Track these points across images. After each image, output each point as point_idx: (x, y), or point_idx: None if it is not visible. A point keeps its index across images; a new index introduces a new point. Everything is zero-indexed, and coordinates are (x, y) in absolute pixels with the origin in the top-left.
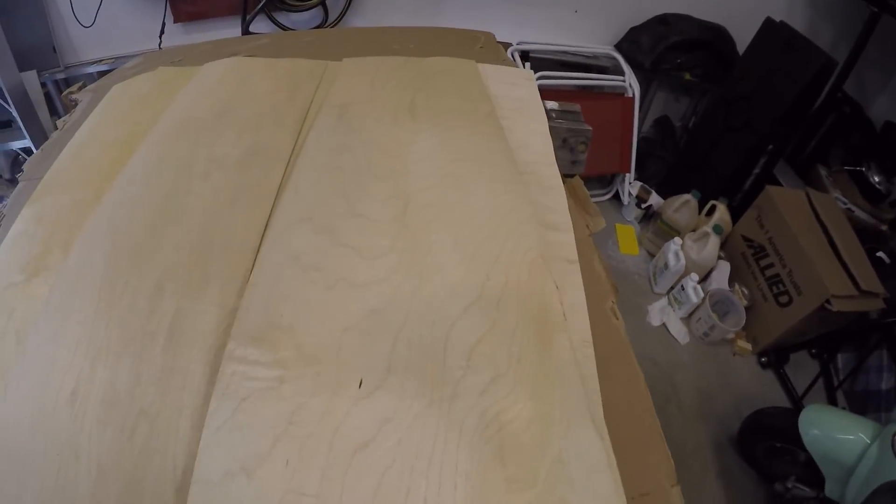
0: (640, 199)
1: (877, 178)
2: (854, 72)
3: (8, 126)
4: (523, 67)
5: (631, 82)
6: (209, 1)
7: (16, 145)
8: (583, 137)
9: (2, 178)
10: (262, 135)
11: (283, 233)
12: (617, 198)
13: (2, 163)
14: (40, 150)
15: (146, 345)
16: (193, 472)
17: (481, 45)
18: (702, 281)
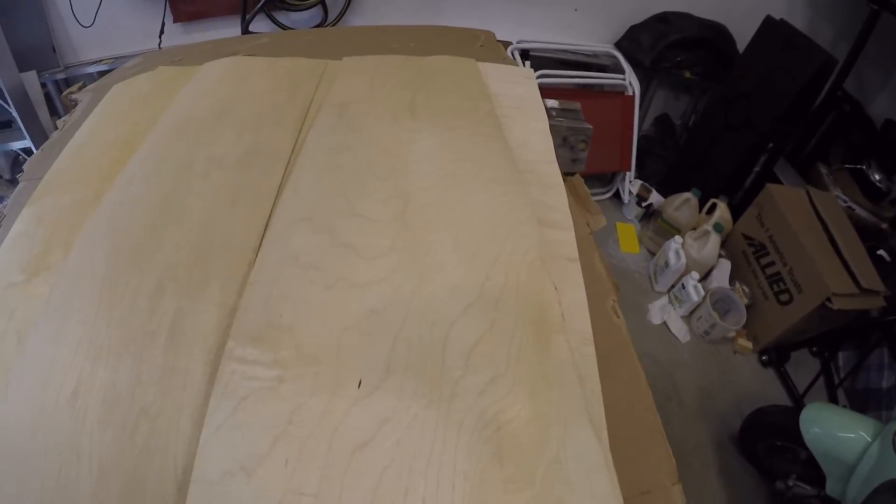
0: (641, 198)
1: (877, 177)
2: (854, 70)
3: (8, 126)
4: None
5: (631, 81)
6: (209, 1)
7: (16, 145)
8: (583, 136)
9: (2, 178)
10: (262, 134)
11: (283, 232)
12: (617, 196)
13: (2, 163)
14: (40, 150)
15: (147, 344)
16: (193, 471)
17: (481, 44)
18: (702, 279)
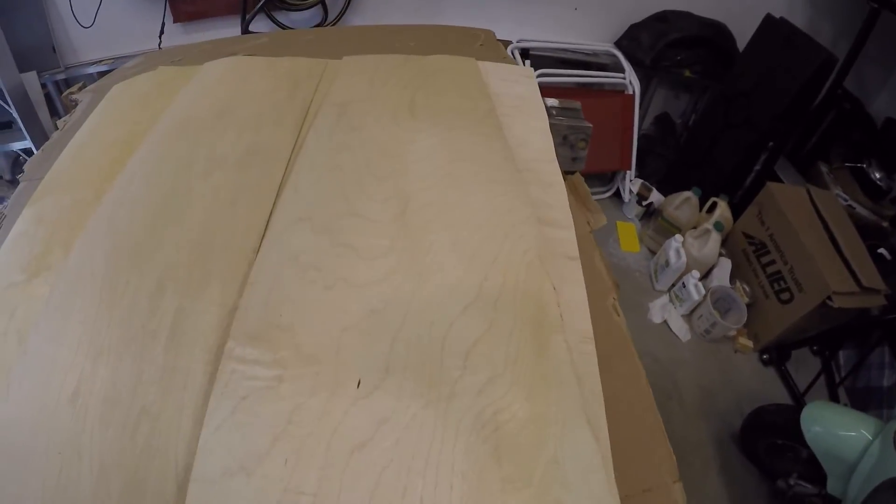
0: (641, 197)
1: (877, 175)
2: (854, 68)
3: (8, 127)
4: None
5: (631, 79)
6: (209, 1)
7: (16, 146)
8: (583, 134)
9: (2, 178)
10: (262, 134)
11: (283, 232)
12: (618, 195)
13: (2, 164)
14: (41, 150)
15: (147, 344)
16: (192, 470)
17: (481, 43)
18: (703, 278)
